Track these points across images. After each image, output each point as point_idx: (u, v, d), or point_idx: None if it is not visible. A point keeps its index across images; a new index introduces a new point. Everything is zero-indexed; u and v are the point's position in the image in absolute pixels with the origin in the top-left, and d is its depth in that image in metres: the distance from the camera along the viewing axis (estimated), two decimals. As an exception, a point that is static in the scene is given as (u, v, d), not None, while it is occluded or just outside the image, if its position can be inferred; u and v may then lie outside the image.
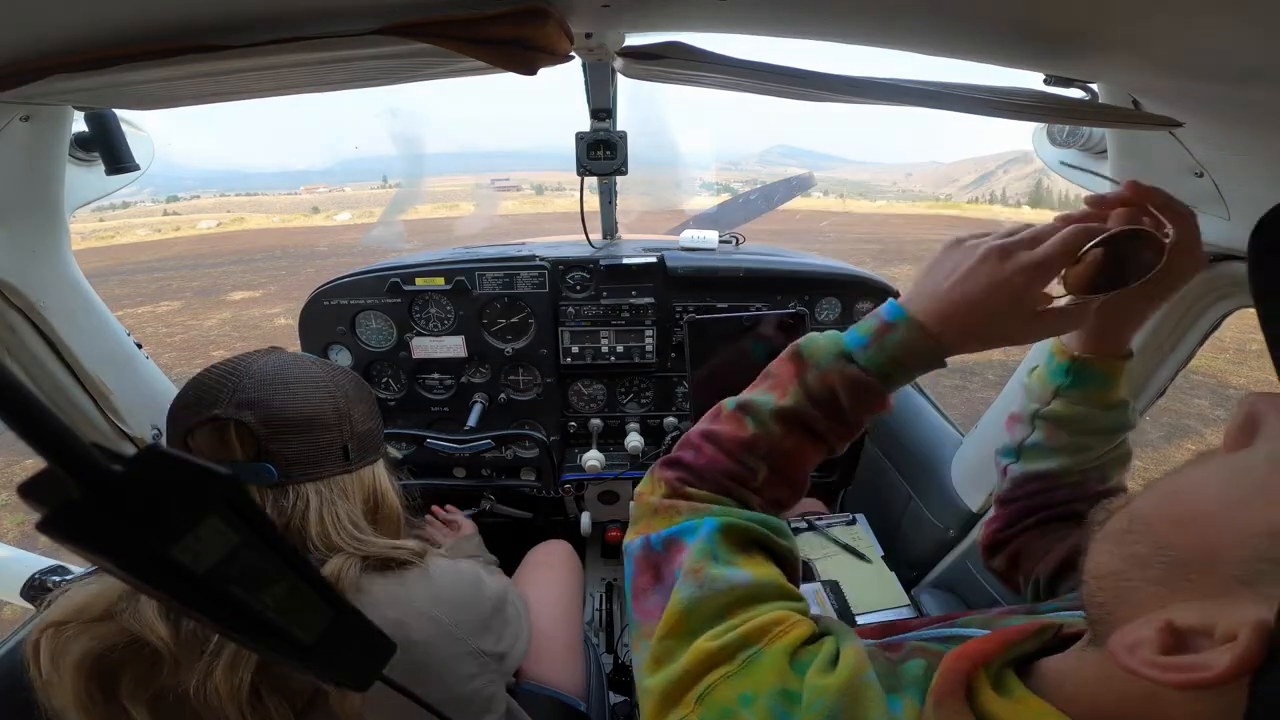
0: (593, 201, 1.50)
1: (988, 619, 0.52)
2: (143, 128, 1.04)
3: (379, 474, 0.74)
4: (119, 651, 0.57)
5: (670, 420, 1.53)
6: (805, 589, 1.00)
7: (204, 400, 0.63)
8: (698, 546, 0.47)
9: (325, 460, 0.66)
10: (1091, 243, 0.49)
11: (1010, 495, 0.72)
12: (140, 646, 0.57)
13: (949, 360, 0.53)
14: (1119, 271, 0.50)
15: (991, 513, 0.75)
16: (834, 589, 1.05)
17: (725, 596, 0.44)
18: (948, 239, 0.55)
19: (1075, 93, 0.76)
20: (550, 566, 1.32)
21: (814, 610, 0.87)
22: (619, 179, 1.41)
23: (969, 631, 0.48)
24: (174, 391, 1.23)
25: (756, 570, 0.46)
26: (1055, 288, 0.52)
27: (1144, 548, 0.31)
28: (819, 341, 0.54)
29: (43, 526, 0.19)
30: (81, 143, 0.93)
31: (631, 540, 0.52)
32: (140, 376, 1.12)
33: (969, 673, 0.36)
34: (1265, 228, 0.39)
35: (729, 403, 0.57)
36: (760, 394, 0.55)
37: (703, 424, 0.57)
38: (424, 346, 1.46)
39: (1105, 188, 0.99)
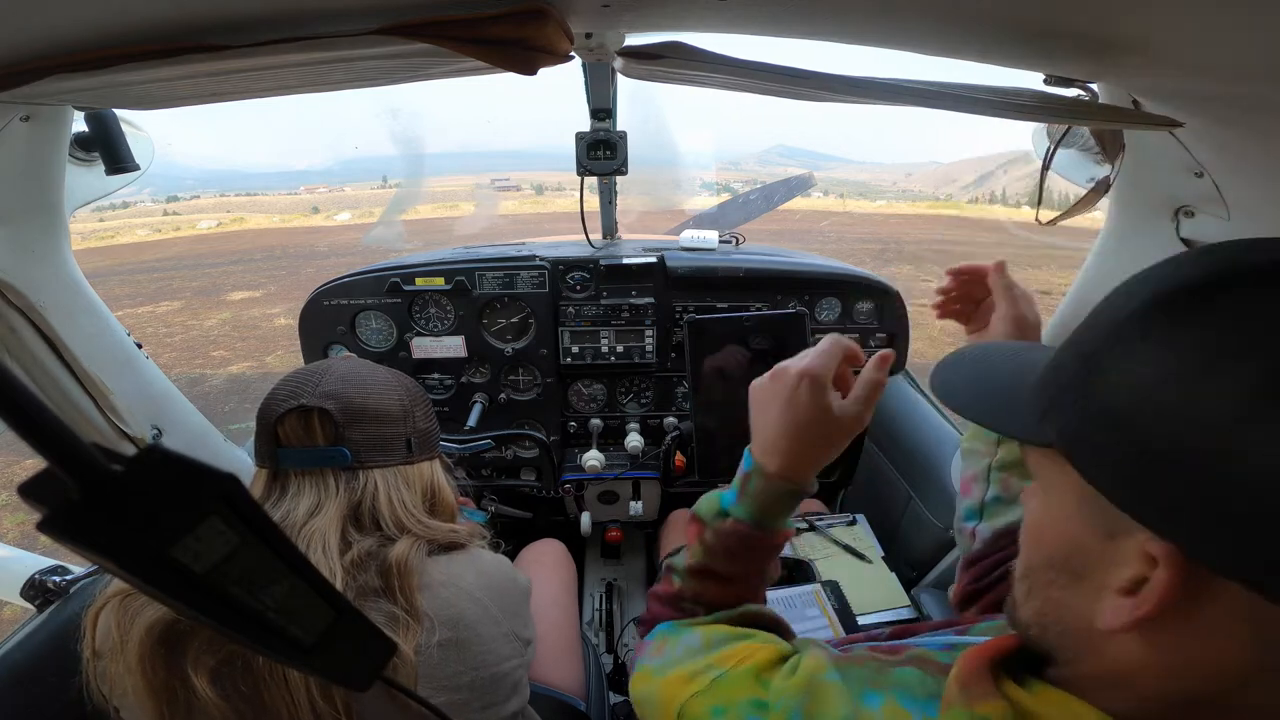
0: (593, 201, 1.50)
1: (1000, 627, 0.52)
2: (143, 128, 1.04)
3: (436, 470, 0.81)
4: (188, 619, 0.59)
5: (670, 420, 1.53)
6: (804, 590, 1.00)
7: (293, 393, 0.71)
8: (677, 638, 0.56)
9: (391, 450, 0.74)
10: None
11: (983, 553, 0.69)
12: None
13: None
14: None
15: (960, 575, 0.71)
16: (834, 589, 1.06)
17: (700, 641, 0.52)
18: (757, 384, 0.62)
19: (1075, 93, 0.76)
20: (543, 566, 1.32)
21: (813, 610, 0.90)
22: (619, 179, 1.41)
23: (977, 639, 0.49)
24: (174, 391, 1.23)
25: (728, 629, 0.54)
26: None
27: (1044, 577, 0.37)
28: (705, 503, 0.62)
29: (43, 526, 0.19)
30: (81, 143, 0.93)
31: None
32: (140, 376, 1.12)
33: (991, 659, 0.38)
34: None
35: (667, 562, 0.66)
36: (681, 554, 0.63)
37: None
38: (424, 346, 1.46)
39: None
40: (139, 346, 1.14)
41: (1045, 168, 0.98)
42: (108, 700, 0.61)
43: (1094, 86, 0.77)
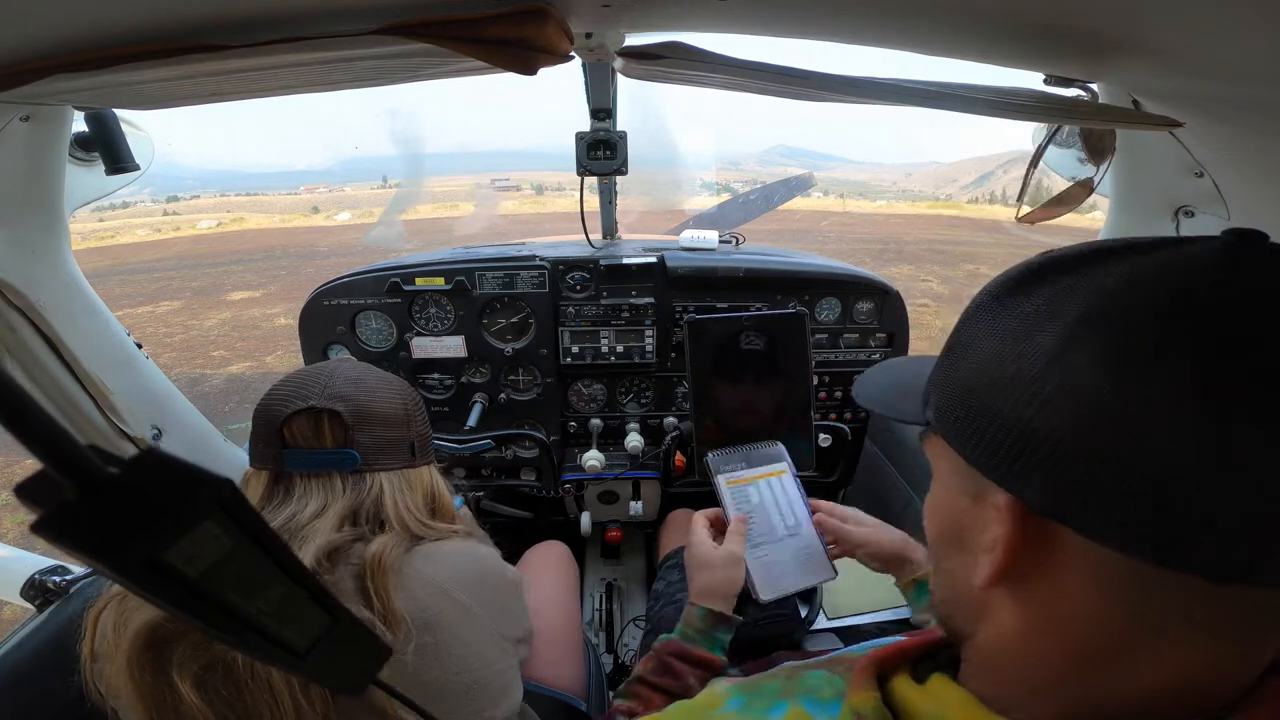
0: (593, 201, 1.50)
1: None
2: (143, 128, 1.04)
3: (435, 474, 0.81)
4: (177, 621, 0.58)
5: (670, 420, 1.53)
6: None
7: (300, 394, 0.70)
8: None
9: (396, 453, 0.74)
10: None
11: None
12: None
13: None
14: None
15: None
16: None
17: None
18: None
19: (1075, 93, 0.76)
20: (547, 567, 1.32)
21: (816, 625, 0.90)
22: (619, 179, 1.40)
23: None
24: (174, 391, 1.23)
25: None
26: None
27: (939, 553, 0.40)
28: (657, 644, 0.80)
29: (37, 528, 0.18)
30: (81, 143, 0.93)
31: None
32: (140, 376, 1.12)
33: (883, 659, 0.40)
34: None
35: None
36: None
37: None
38: (424, 346, 1.46)
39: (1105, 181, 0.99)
40: (139, 346, 1.14)
41: (1033, 165, 0.98)
42: (105, 700, 0.61)
43: (1094, 86, 0.77)
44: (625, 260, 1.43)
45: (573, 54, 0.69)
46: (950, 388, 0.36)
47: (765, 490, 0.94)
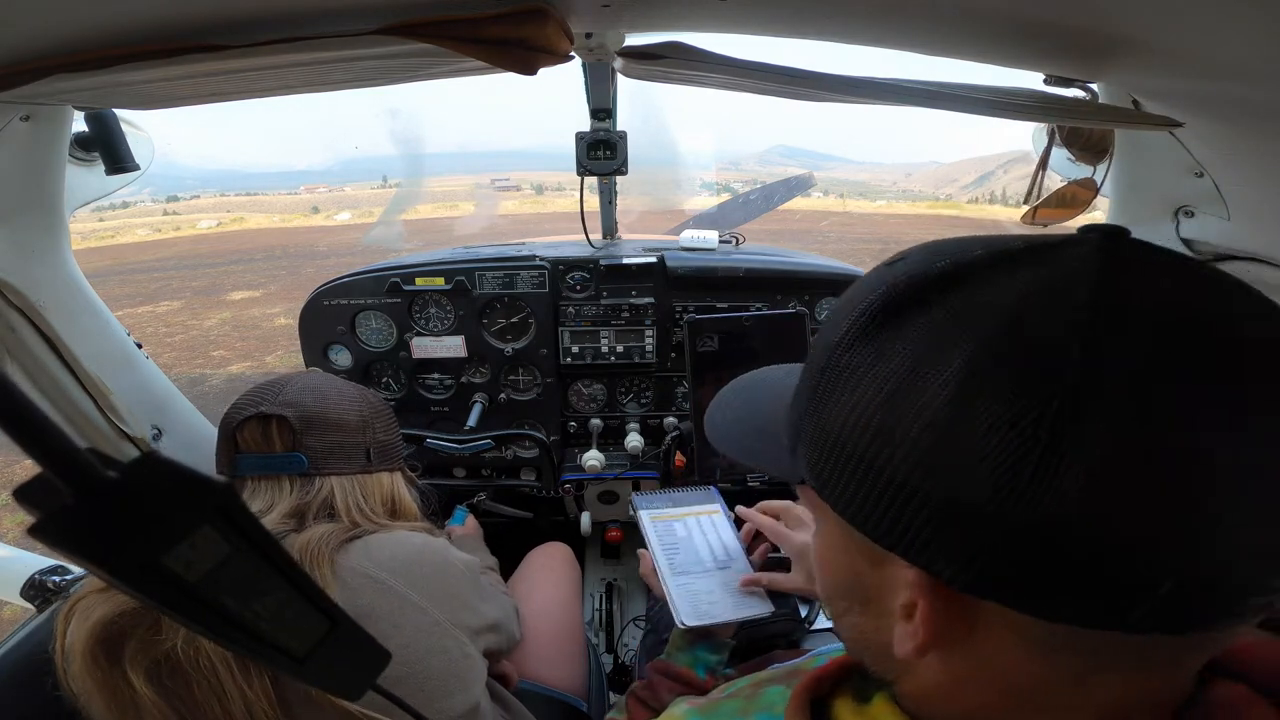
0: (593, 201, 1.50)
1: None
2: (143, 128, 1.04)
3: (397, 481, 0.83)
4: (127, 617, 0.60)
5: (670, 420, 1.53)
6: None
7: (253, 401, 0.74)
8: None
9: (350, 458, 0.76)
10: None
11: None
12: (146, 611, 0.60)
13: None
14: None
15: None
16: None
17: None
18: None
19: (1075, 93, 0.76)
20: (550, 568, 1.32)
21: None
22: (619, 179, 1.40)
23: None
24: (174, 391, 1.23)
25: None
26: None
27: (839, 605, 0.37)
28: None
29: (35, 531, 0.19)
30: (81, 143, 0.93)
31: None
32: (140, 376, 1.12)
33: (821, 679, 0.39)
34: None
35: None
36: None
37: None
38: (424, 346, 1.46)
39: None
40: (139, 346, 1.14)
41: (1042, 166, 0.98)
42: (76, 700, 0.61)
43: (1094, 86, 0.77)
44: (625, 260, 1.43)
45: (573, 54, 0.69)
46: (823, 438, 0.31)
47: (694, 526, 1.00)
